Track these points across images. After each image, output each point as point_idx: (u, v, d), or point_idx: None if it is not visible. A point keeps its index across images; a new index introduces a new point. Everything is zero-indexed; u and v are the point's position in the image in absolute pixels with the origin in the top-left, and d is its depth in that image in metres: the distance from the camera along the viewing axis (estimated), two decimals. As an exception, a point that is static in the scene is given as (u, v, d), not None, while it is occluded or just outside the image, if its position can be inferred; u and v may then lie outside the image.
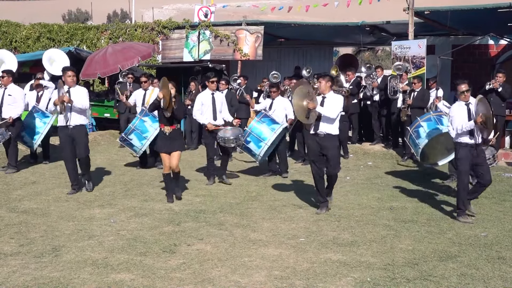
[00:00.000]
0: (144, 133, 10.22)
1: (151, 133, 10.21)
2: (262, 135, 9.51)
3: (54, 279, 4.96)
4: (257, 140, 9.49)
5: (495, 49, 16.74)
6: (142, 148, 10.32)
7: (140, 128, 10.23)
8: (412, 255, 5.78)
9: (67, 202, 7.95)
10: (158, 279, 5.01)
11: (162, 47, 17.64)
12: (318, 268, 5.36)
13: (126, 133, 10.31)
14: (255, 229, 6.67)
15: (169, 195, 8.11)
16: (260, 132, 9.52)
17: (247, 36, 16.71)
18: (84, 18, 59.11)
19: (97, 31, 18.59)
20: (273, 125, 9.61)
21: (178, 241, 6.12)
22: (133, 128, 10.22)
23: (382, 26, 16.19)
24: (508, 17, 12.97)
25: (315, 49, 19.73)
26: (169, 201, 8.00)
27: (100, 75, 14.28)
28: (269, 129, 9.54)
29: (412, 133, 9.17)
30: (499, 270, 5.36)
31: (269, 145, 9.55)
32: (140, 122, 10.25)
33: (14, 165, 10.11)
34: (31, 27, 19.05)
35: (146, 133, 10.21)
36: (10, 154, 10.13)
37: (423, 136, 9.02)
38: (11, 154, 10.11)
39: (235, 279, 5.05)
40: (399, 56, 13.40)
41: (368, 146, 13.13)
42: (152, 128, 10.19)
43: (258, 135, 9.50)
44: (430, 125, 9.07)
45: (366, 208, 7.82)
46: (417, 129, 9.11)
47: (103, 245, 5.95)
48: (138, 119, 10.28)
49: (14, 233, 6.37)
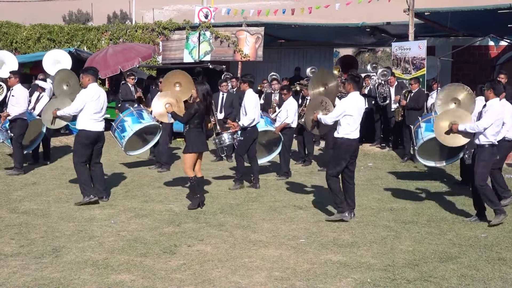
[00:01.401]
0: (123, 133, 9.79)
1: (129, 134, 9.69)
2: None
3: (54, 280, 4.96)
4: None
5: (495, 50, 16.76)
6: (122, 145, 9.80)
7: (121, 126, 9.89)
8: (413, 256, 5.78)
9: (67, 203, 7.95)
10: (159, 280, 5.02)
11: (162, 48, 17.65)
12: (319, 269, 5.36)
13: (112, 130, 10.13)
14: (256, 230, 6.67)
15: (195, 200, 7.75)
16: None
17: (247, 37, 16.71)
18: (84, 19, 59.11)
19: (97, 32, 18.60)
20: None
21: (179, 242, 6.13)
22: (115, 127, 9.89)
23: (382, 27, 16.20)
24: (508, 18, 12.98)
25: (315, 50, 19.74)
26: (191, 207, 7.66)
27: (100, 76, 14.26)
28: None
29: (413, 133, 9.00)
30: (499, 271, 5.36)
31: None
32: (122, 121, 9.84)
33: (19, 167, 9.98)
34: (31, 28, 19.05)
35: (124, 133, 9.72)
36: (14, 156, 10.07)
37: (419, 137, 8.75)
38: (15, 155, 10.02)
39: (235, 280, 5.05)
40: (399, 57, 13.41)
41: (368, 147, 13.14)
42: (130, 129, 9.70)
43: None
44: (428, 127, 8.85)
45: (366, 209, 7.82)
46: (416, 130, 8.95)
47: (104, 246, 5.95)
48: (120, 118, 9.85)
49: (15, 233, 6.38)
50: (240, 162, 9.24)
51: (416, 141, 8.75)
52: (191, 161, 7.67)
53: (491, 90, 7.08)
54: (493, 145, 7.04)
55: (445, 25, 14.34)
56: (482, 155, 7.03)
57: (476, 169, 7.03)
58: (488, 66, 16.24)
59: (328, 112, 7.35)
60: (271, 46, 18.93)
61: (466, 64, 16.49)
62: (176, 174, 10.21)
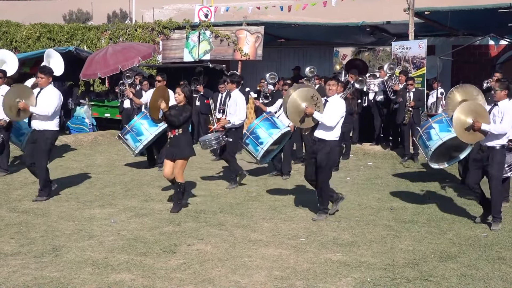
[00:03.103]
0: (139, 136, 10.11)
1: (147, 137, 10.10)
2: (260, 139, 9.16)
3: (54, 279, 4.96)
4: (255, 144, 9.26)
5: (496, 49, 16.75)
6: (136, 150, 10.21)
7: (136, 130, 10.16)
8: (412, 255, 5.78)
9: (67, 202, 7.96)
10: (158, 279, 5.02)
11: (162, 47, 17.65)
12: (318, 268, 5.36)
13: (123, 133, 10.32)
14: (255, 229, 6.67)
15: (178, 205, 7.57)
16: (258, 136, 9.16)
17: (247, 36, 16.71)
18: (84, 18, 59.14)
19: (97, 31, 18.60)
20: (271, 130, 9.21)
21: (178, 241, 6.13)
22: (129, 129, 10.19)
23: (382, 27, 16.20)
24: (508, 18, 12.98)
25: (315, 49, 19.73)
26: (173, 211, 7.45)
27: (100, 75, 14.29)
28: (267, 134, 9.15)
29: (423, 134, 8.78)
30: (499, 270, 5.36)
31: (266, 149, 9.15)
32: (137, 124, 10.17)
33: (5, 168, 10.01)
34: (31, 27, 19.06)
35: (141, 136, 10.08)
36: (1, 157, 10.09)
37: (434, 139, 8.60)
38: (3, 157, 10.07)
39: (235, 279, 5.05)
40: (399, 57, 13.40)
41: (368, 147, 13.14)
42: (148, 132, 10.08)
43: (256, 138, 9.17)
44: (442, 127, 8.64)
45: (366, 209, 7.82)
46: (428, 131, 8.68)
47: (104, 245, 5.95)
48: (136, 121, 10.22)
49: (15, 233, 6.37)
50: (233, 162, 9.27)
51: (429, 142, 8.51)
52: (185, 166, 7.58)
53: (506, 91, 6.87)
54: (503, 147, 6.92)
55: (445, 25, 14.34)
56: (496, 157, 6.83)
57: (493, 172, 6.83)
58: (488, 66, 16.23)
59: (318, 109, 7.07)
60: (271, 45, 18.93)
61: (466, 63, 16.49)
62: (176, 173, 10.20)
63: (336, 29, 17.06)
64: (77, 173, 10.22)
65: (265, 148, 9.09)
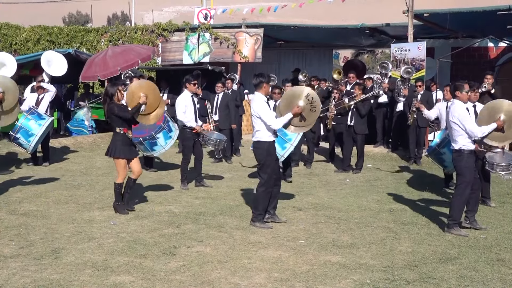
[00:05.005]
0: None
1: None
2: (288, 136, 9.02)
3: (54, 281, 4.96)
4: (283, 141, 9.11)
5: (495, 51, 16.76)
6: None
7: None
8: (412, 257, 5.79)
9: (67, 204, 7.96)
10: (158, 281, 5.02)
11: (162, 50, 17.67)
12: (318, 270, 5.36)
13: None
14: (255, 232, 6.68)
15: (122, 206, 7.45)
16: (285, 133, 8.83)
17: (246, 39, 16.73)
18: (84, 20, 59.12)
19: (97, 34, 18.62)
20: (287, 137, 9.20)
21: (178, 243, 6.13)
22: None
23: (381, 29, 16.22)
24: (507, 20, 13.01)
25: (315, 51, 19.75)
26: (123, 212, 7.38)
27: (100, 77, 14.29)
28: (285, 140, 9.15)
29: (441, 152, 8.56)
30: (499, 272, 5.37)
31: (295, 145, 9.24)
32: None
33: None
34: (31, 30, 19.08)
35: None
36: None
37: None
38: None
39: (235, 281, 5.05)
40: (399, 59, 13.41)
41: (368, 148, 13.12)
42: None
43: (284, 135, 8.96)
44: None
45: (365, 210, 7.83)
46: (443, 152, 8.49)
47: (103, 247, 5.95)
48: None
49: (14, 235, 6.37)
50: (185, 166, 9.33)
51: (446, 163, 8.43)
52: (123, 166, 7.52)
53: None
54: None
55: (444, 27, 14.36)
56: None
57: None
58: (487, 68, 16.24)
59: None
60: (271, 47, 18.94)
61: (466, 65, 16.49)
62: (175, 175, 10.20)
63: (335, 31, 17.09)
64: (77, 175, 10.23)
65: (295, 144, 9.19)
